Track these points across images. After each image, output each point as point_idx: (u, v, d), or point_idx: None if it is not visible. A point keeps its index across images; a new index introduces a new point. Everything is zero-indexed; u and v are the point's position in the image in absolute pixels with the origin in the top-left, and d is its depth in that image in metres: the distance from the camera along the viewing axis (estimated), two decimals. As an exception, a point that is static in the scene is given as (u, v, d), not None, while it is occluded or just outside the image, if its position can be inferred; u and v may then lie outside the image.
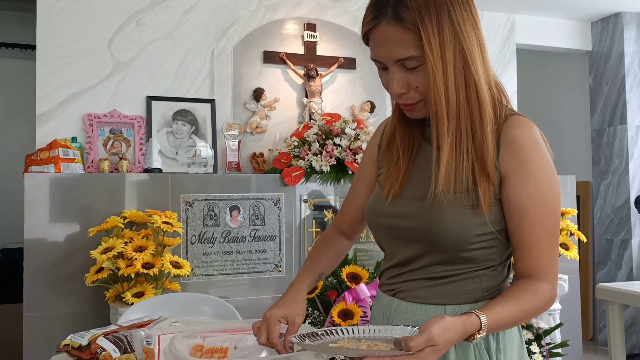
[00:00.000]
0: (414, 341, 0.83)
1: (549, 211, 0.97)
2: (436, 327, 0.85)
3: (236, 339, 1.06)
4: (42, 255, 2.50)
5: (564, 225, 3.01)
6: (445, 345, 0.86)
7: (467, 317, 0.89)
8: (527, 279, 0.98)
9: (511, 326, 0.98)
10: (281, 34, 3.37)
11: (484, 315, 0.90)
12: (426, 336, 0.84)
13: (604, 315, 4.30)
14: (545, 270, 0.97)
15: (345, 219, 1.24)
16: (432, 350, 0.84)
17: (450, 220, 0.97)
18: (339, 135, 3.02)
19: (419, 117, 1.03)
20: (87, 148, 2.89)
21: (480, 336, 0.90)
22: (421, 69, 0.95)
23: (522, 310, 0.94)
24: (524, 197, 0.96)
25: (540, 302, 0.96)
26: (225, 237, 2.80)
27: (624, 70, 4.31)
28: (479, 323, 0.89)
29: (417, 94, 0.98)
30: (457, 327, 0.87)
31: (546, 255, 0.97)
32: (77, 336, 1.29)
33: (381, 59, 0.98)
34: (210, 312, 1.78)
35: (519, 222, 0.97)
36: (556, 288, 0.98)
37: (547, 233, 0.97)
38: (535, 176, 0.96)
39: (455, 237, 0.97)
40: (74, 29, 2.94)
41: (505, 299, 0.95)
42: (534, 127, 1.00)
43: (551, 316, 2.99)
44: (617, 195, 4.37)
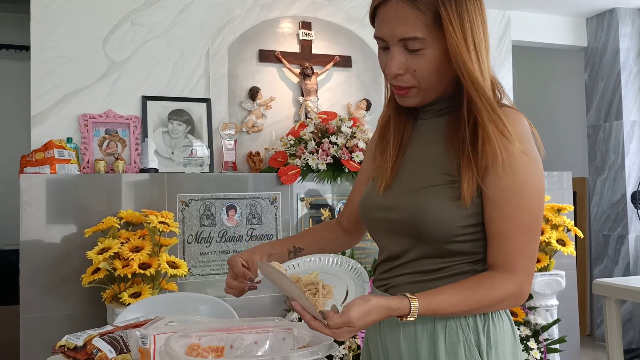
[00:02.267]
0: (333, 320, 0.88)
1: (523, 205, 0.95)
2: (356, 310, 0.88)
3: (232, 338, 1.05)
4: (38, 256, 2.49)
5: (561, 221, 3.01)
6: (363, 325, 0.89)
7: (397, 302, 0.91)
8: (492, 271, 0.97)
9: (457, 314, 0.97)
10: (276, 32, 3.37)
11: (417, 301, 0.91)
12: (344, 319, 0.88)
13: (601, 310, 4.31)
14: (514, 264, 0.95)
15: (345, 213, 1.25)
16: (347, 330, 0.89)
17: (434, 212, 0.97)
18: (335, 134, 3.02)
19: (410, 104, 1.03)
20: (82, 148, 2.88)
21: (408, 319, 0.92)
22: (422, 53, 0.95)
23: (469, 301, 0.94)
24: (498, 190, 0.95)
25: (499, 295, 0.95)
26: (222, 236, 2.80)
27: (619, 66, 4.31)
28: (407, 309, 0.91)
29: (413, 78, 0.98)
30: (380, 311, 0.90)
31: (516, 248, 0.95)
32: (73, 337, 1.29)
33: (385, 37, 0.97)
34: (207, 311, 1.78)
35: (491, 213, 0.96)
36: (526, 284, 0.96)
37: (520, 227, 0.95)
38: (513, 170, 0.95)
39: (440, 230, 0.97)
40: (68, 29, 2.93)
41: (454, 287, 0.95)
42: (521, 119, 0.98)
43: (549, 312, 3.00)
44: (613, 190, 4.38)
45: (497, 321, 1.01)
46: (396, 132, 1.08)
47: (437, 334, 1.00)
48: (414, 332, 1.01)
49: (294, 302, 0.91)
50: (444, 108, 1.04)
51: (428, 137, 1.06)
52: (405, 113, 1.09)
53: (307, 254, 1.16)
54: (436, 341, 0.99)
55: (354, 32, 3.50)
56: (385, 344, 1.06)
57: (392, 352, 1.05)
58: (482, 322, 1.00)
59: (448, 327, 0.99)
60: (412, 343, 1.02)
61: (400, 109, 1.08)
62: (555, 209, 3.09)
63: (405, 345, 1.02)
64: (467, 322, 0.99)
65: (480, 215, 0.98)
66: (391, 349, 1.05)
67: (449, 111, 1.03)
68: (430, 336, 1.00)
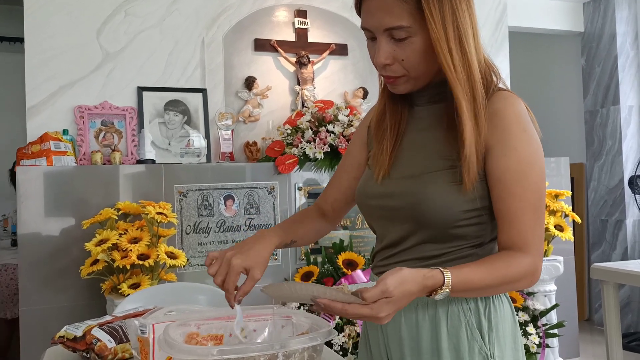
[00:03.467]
0: (369, 292, 0.83)
1: (529, 184, 0.96)
2: (392, 278, 0.84)
3: (231, 326, 1.05)
4: (37, 249, 2.49)
5: (558, 207, 3.02)
6: (402, 297, 0.85)
7: (428, 271, 0.88)
8: (507, 250, 0.97)
9: (482, 292, 0.96)
10: (272, 21, 3.35)
11: (449, 272, 0.89)
12: (381, 287, 0.83)
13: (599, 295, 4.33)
14: (527, 242, 0.95)
15: (328, 200, 1.22)
16: (386, 302, 0.83)
17: (436, 198, 0.97)
18: (332, 122, 3.01)
19: (401, 92, 1.03)
20: (78, 140, 2.87)
21: (442, 292, 0.88)
22: (409, 41, 0.95)
23: (493, 276, 0.93)
24: (504, 170, 0.95)
25: (517, 273, 0.94)
26: (220, 226, 2.80)
27: (616, 50, 4.30)
28: (441, 279, 0.88)
29: (402, 67, 0.98)
30: (415, 279, 0.86)
31: (527, 228, 0.95)
32: (72, 327, 1.29)
33: (371, 28, 0.98)
34: (206, 301, 1.78)
35: (499, 194, 0.96)
36: (539, 263, 0.96)
37: (528, 206, 0.95)
38: (516, 149, 0.95)
39: (442, 215, 0.97)
40: (62, 21, 2.91)
41: (476, 263, 0.94)
42: (518, 101, 0.99)
43: (547, 297, 3.01)
44: (610, 176, 4.38)
45: (498, 304, 1.01)
46: (392, 120, 1.08)
47: (439, 319, 1.00)
48: (416, 318, 1.02)
49: (319, 299, 0.85)
50: (438, 93, 1.04)
51: (425, 123, 1.06)
52: (400, 101, 1.09)
53: (297, 246, 1.16)
54: (438, 325, 1.00)
55: (350, 20, 3.48)
56: (386, 330, 1.06)
57: (392, 338, 1.05)
58: (484, 305, 1.00)
59: (450, 311, 1.00)
60: (414, 329, 1.02)
61: (395, 97, 1.08)
62: (553, 194, 3.09)
63: (407, 331, 1.03)
64: (468, 306, 1.00)
65: (483, 199, 0.98)
66: (391, 334, 1.05)
67: (444, 96, 1.03)
68: (432, 320, 1.01)
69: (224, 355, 0.87)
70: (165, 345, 0.91)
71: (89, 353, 1.25)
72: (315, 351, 0.96)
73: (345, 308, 0.84)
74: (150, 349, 1.01)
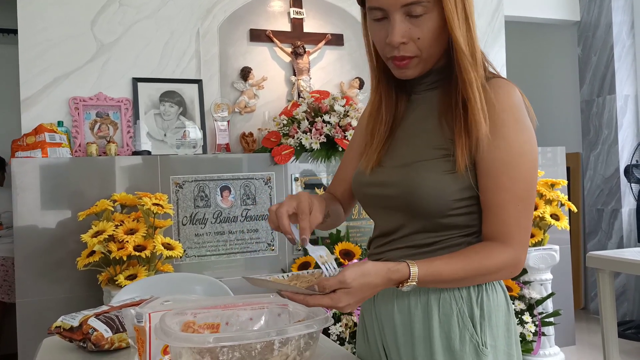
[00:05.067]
0: (327, 281, 0.85)
1: (518, 176, 0.95)
2: (351, 271, 0.86)
3: (228, 315, 1.05)
4: (33, 240, 2.49)
5: (554, 196, 3.02)
6: (362, 289, 0.86)
7: (394, 264, 0.90)
8: (488, 241, 0.97)
9: (457, 284, 0.96)
10: (267, 11, 3.33)
11: (416, 266, 0.90)
12: (339, 278, 0.85)
13: (595, 284, 4.35)
14: (510, 234, 0.95)
15: (336, 191, 1.22)
16: (344, 293, 0.85)
17: (429, 186, 0.97)
18: (328, 113, 3.01)
19: (409, 76, 1.01)
20: (73, 132, 2.86)
21: (408, 285, 0.90)
22: (424, 18, 0.94)
23: (467, 268, 0.93)
24: (492, 160, 0.95)
25: (496, 265, 0.95)
26: (216, 217, 2.80)
27: (612, 40, 4.30)
28: (407, 272, 0.90)
29: (415, 47, 0.96)
30: (378, 273, 0.88)
31: (511, 219, 0.95)
32: (69, 317, 1.29)
33: (385, 5, 0.95)
34: (203, 291, 1.78)
35: (486, 185, 0.96)
36: (522, 254, 0.96)
37: (514, 197, 0.95)
38: (506, 139, 0.95)
39: (435, 203, 0.96)
40: (56, 12, 2.89)
41: (451, 255, 0.95)
42: (513, 89, 0.98)
43: (543, 286, 3.02)
44: (606, 165, 4.39)
45: (491, 292, 1.01)
46: (388, 114, 1.07)
47: (431, 306, 1.00)
48: (408, 304, 1.02)
49: (283, 291, 0.89)
50: (435, 81, 1.03)
51: (421, 112, 1.05)
52: (396, 93, 1.07)
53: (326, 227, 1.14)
54: (430, 313, 1.00)
55: (346, 10, 3.47)
56: (380, 317, 1.07)
57: (386, 325, 1.06)
58: (476, 293, 1.00)
59: (442, 299, 1.00)
60: (407, 315, 1.02)
61: (391, 90, 1.07)
62: (549, 184, 3.10)
63: (400, 318, 1.03)
64: (460, 294, 0.99)
65: (474, 188, 0.97)
66: (386, 321, 1.06)
67: (441, 84, 1.03)
68: (424, 308, 1.01)
69: (221, 342, 0.88)
70: (162, 333, 0.91)
71: (85, 343, 1.25)
72: (311, 338, 0.97)
73: (306, 299, 0.86)
74: (146, 338, 1.01)
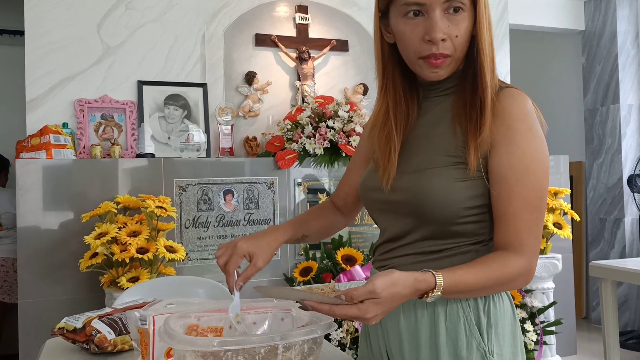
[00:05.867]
0: (357, 291, 0.83)
1: (531, 184, 0.95)
2: (381, 280, 0.84)
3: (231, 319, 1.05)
4: (35, 241, 2.49)
5: (557, 205, 3.02)
6: (390, 299, 0.85)
7: (420, 274, 0.88)
8: (502, 250, 0.96)
9: (475, 294, 0.96)
10: (272, 16, 3.34)
11: (441, 275, 0.89)
12: (369, 287, 0.83)
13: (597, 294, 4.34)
14: (522, 243, 0.95)
15: (341, 195, 1.23)
16: (373, 303, 0.83)
17: (439, 193, 0.96)
18: (332, 118, 3.01)
19: (442, 76, 1.00)
20: (78, 134, 2.87)
21: (433, 295, 0.88)
22: (462, 17, 0.96)
23: (487, 277, 0.92)
24: (506, 168, 0.95)
25: (511, 274, 0.94)
26: (219, 221, 2.80)
27: (616, 49, 4.30)
28: (433, 282, 0.88)
29: (452, 45, 0.97)
30: (406, 283, 0.86)
31: (524, 228, 0.95)
32: (72, 319, 1.29)
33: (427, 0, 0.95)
34: (205, 294, 1.78)
35: (499, 193, 0.96)
36: (534, 263, 0.96)
37: (527, 205, 0.95)
38: (520, 147, 0.95)
39: (444, 210, 0.96)
40: (62, 14, 2.90)
41: (471, 265, 0.94)
42: (526, 99, 0.99)
43: (545, 295, 3.02)
44: (610, 174, 4.39)
45: (498, 301, 1.01)
46: (397, 121, 1.06)
47: (438, 313, 1.00)
48: (415, 313, 1.01)
49: (305, 301, 0.86)
50: (449, 87, 1.03)
51: (432, 118, 1.05)
52: (407, 98, 1.07)
53: (309, 241, 1.18)
54: (436, 320, 1.00)
55: (351, 16, 3.48)
56: (385, 323, 1.06)
57: (391, 331, 1.05)
58: (483, 302, 1.00)
59: (449, 307, 0.99)
60: (412, 322, 1.02)
61: (400, 97, 1.06)
62: (552, 192, 3.10)
63: (405, 324, 1.03)
64: (467, 302, 0.99)
65: (484, 196, 0.97)
66: (390, 328, 1.05)
67: (455, 90, 1.02)
68: (431, 316, 1.00)
69: (225, 346, 0.88)
70: (166, 336, 0.91)
71: (88, 344, 1.25)
72: (315, 344, 0.97)
73: (332, 309, 0.84)
74: (150, 340, 1.01)
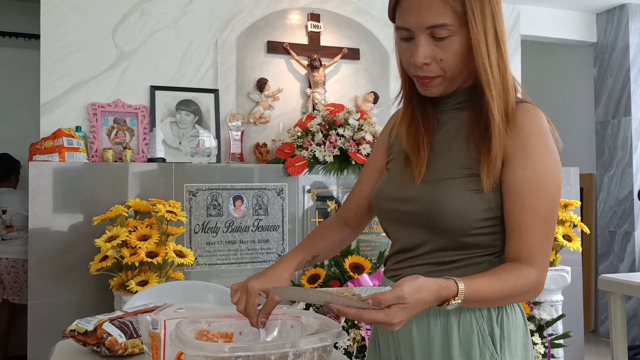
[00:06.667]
0: (384, 296, 0.83)
1: (544, 198, 0.96)
2: (408, 285, 0.84)
3: (242, 325, 1.06)
4: (46, 243, 2.51)
5: (567, 217, 3.01)
6: (416, 305, 0.84)
7: (443, 281, 0.88)
8: (515, 262, 0.97)
9: (491, 304, 0.97)
10: (285, 24, 3.36)
11: (463, 283, 0.89)
12: (397, 293, 0.83)
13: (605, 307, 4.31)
14: (534, 256, 0.95)
15: (351, 206, 1.22)
16: (400, 308, 0.83)
17: (453, 205, 0.97)
18: (343, 126, 3.02)
19: (434, 94, 1.02)
20: (91, 137, 2.89)
21: (454, 302, 0.88)
22: (449, 41, 0.95)
23: (503, 288, 0.93)
24: (520, 182, 0.96)
25: (525, 286, 0.95)
26: (228, 226, 2.81)
27: (628, 62, 4.29)
28: (455, 289, 0.88)
29: (439, 68, 0.97)
30: (430, 289, 0.86)
31: (536, 241, 0.95)
32: (83, 322, 1.30)
33: (411, 26, 0.96)
34: (215, 299, 1.79)
35: (512, 206, 0.96)
36: (544, 276, 0.97)
37: (539, 219, 0.96)
38: (534, 162, 0.96)
39: (458, 222, 0.97)
40: (78, 19, 2.94)
41: (488, 274, 0.94)
42: (540, 114, 0.99)
43: (553, 307, 3.00)
44: (620, 187, 4.37)
45: (511, 312, 1.01)
46: (425, 125, 1.07)
47: (451, 325, 1.00)
48: (427, 324, 1.02)
49: (332, 304, 0.84)
50: (463, 101, 1.04)
51: (448, 131, 1.05)
52: (429, 106, 1.07)
53: (320, 260, 1.16)
54: (450, 331, 1.00)
55: (363, 25, 3.49)
56: (397, 335, 1.06)
57: (402, 341, 1.05)
58: (496, 313, 1.00)
59: (462, 317, 1.00)
60: (425, 334, 1.02)
61: (425, 103, 1.07)
62: (562, 204, 3.09)
63: (418, 335, 1.03)
64: (481, 313, 1.00)
65: (498, 209, 0.98)
66: (402, 337, 1.05)
67: (470, 104, 1.03)
68: (444, 326, 1.01)
69: (236, 352, 0.88)
70: (178, 341, 0.92)
71: (99, 347, 1.26)
72: (325, 352, 0.97)
73: (360, 313, 0.84)
74: (161, 345, 1.02)
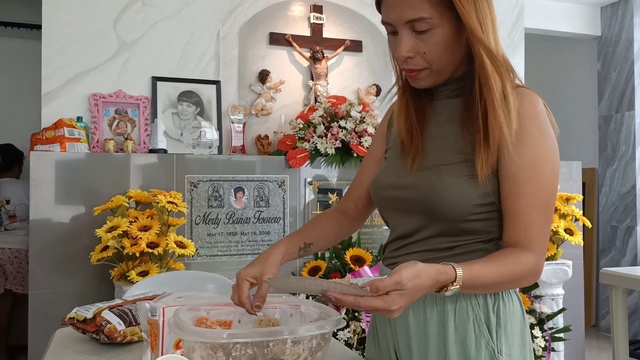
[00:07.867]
0: (382, 282, 0.82)
1: (541, 183, 0.96)
2: (407, 271, 0.84)
3: (240, 313, 1.06)
4: (48, 233, 2.51)
5: (569, 211, 3.00)
6: (414, 291, 0.84)
7: (441, 266, 0.88)
8: (513, 247, 0.97)
9: (489, 289, 0.97)
10: (287, 15, 3.35)
11: (461, 268, 0.89)
12: (395, 278, 0.83)
13: (606, 302, 4.30)
14: (532, 240, 0.95)
15: (351, 198, 1.22)
16: (398, 294, 0.83)
17: (449, 190, 0.97)
18: (345, 118, 3.01)
19: (423, 86, 1.02)
20: (92, 128, 2.89)
21: (453, 288, 0.88)
22: (430, 34, 0.95)
23: (501, 273, 0.93)
24: (516, 167, 0.95)
25: (523, 271, 0.95)
26: (229, 218, 2.81)
27: (633, 56, 4.27)
28: (453, 274, 0.88)
29: (423, 60, 0.98)
30: (429, 275, 0.86)
31: (534, 225, 0.95)
32: (83, 309, 1.30)
33: (392, 21, 0.97)
34: (215, 290, 1.79)
35: (509, 191, 0.96)
36: (542, 261, 0.96)
37: (536, 204, 0.95)
38: (530, 147, 0.95)
39: (455, 207, 0.97)
40: (80, 9, 2.93)
41: (486, 259, 0.94)
42: (536, 99, 0.99)
43: (554, 301, 2.99)
44: (623, 182, 4.35)
45: (507, 300, 1.01)
46: (417, 114, 1.07)
47: (447, 311, 1.00)
48: (424, 311, 1.02)
49: (330, 292, 0.83)
50: (457, 88, 1.04)
51: (443, 118, 1.06)
52: (422, 95, 1.08)
53: (316, 249, 1.15)
54: (446, 319, 1.00)
55: (366, 17, 3.48)
56: (394, 323, 1.07)
57: (399, 329, 1.06)
58: (492, 301, 1.00)
59: (458, 305, 1.00)
60: (421, 320, 1.02)
61: (418, 92, 1.08)
62: (564, 198, 3.08)
63: (414, 322, 1.03)
64: (477, 301, 1.00)
65: (494, 194, 0.98)
66: (399, 326, 1.06)
67: (463, 92, 1.03)
68: (440, 314, 1.01)
69: (234, 339, 0.88)
70: (176, 327, 0.91)
71: (98, 335, 1.26)
72: (323, 339, 0.97)
73: (357, 301, 0.83)
74: (160, 332, 1.02)
